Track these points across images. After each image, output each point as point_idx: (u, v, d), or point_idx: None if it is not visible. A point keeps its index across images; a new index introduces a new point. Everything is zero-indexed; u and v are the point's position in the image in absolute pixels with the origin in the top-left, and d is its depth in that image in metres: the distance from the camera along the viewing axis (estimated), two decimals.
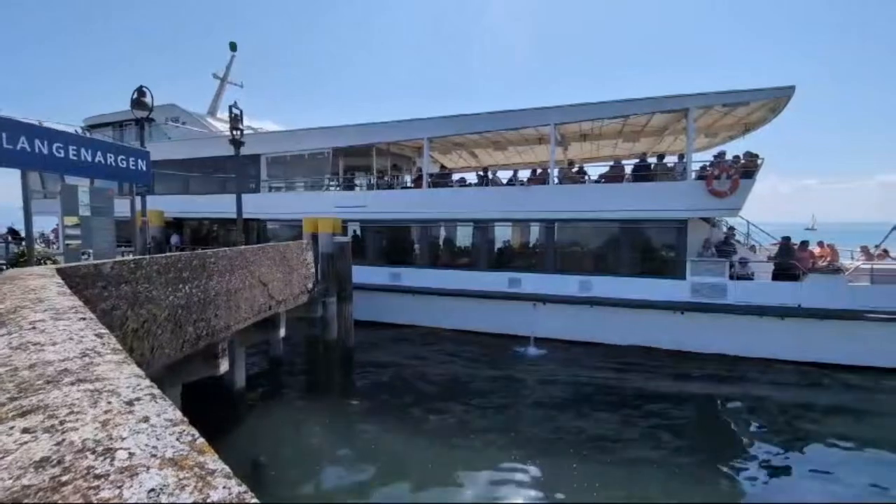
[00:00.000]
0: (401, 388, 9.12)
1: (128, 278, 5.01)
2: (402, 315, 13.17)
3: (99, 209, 6.05)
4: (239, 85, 23.00)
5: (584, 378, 9.58)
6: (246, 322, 7.40)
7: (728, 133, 13.86)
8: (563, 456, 6.40)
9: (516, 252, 13.33)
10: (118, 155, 6.36)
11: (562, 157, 15.82)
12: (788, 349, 10.18)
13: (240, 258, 7.12)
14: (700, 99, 10.77)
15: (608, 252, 11.91)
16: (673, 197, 11.03)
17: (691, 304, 10.68)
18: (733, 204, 10.54)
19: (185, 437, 0.95)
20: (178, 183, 17.44)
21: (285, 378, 10.01)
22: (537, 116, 12.24)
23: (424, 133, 13.51)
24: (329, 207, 13.77)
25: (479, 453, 6.53)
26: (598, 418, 7.71)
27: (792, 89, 10.25)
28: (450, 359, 10.83)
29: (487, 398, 8.55)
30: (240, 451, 6.68)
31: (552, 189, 12.22)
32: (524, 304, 11.98)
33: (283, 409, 8.27)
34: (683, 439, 7.03)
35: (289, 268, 9.12)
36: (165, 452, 0.88)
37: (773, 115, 11.80)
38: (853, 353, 9.76)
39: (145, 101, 8.25)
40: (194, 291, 6.09)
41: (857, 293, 9.69)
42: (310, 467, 6.32)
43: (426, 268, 13.20)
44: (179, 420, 1.04)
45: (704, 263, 10.68)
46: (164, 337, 5.63)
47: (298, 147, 15.39)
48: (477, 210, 12.81)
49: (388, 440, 7.00)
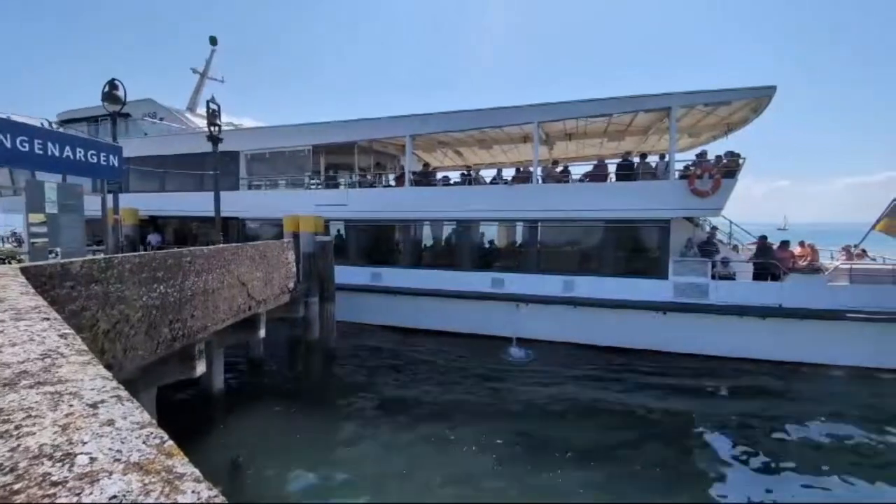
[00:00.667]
0: (381, 391, 9.00)
1: (98, 278, 4.82)
2: (384, 316, 12.99)
3: (68, 206, 5.80)
4: (219, 80, 22.45)
5: (570, 382, 9.44)
6: (224, 323, 7.23)
7: (711, 133, 13.95)
8: (546, 466, 6.26)
9: (499, 252, 13.26)
10: (88, 150, 6.11)
11: (547, 156, 15.82)
12: (769, 349, 10.25)
13: (218, 257, 6.95)
14: (682, 98, 10.78)
15: (591, 252, 11.89)
16: (656, 196, 11.03)
17: (674, 305, 10.67)
18: (715, 203, 10.58)
19: (152, 440, 0.90)
20: (155, 180, 16.92)
21: (265, 379, 9.82)
22: (520, 114, 12.17)
23: (406, 130, 13.32)
24: (309, 206, 13.50)
25: (460, 459, 6.44)
26: (584, 426, 7.57)
27: (773, 89, 10.30)
28: (432, 361, 10.68)
29: (470, 403, 8.42)
30: (217, 454, 6.52)
31: (535, 188, 12.18)
32: (507, 304, 11.91)
33: (263, 412, 8.10)
34: (669, 448, 6.95)
35: (269, 267, 8.95)
36: (130, 456, 0.83)
37: (754, 115, 11.87)
38: (833, 352, 9.87)
39: (117, 94, 7.96)
40: (170, 291, 5.91)
41: (837, 293, 9.79)
42: (289, 469, 6.20)
43: (408, 268, 13.05)
44: (147, 422, 0.99)
45: (687, 263, 10.70)
46: (138, 338, 5.44)
47: (278, 144, 15.07)
48: (459, 209, 12.69)
49: (368, 444, 6.90)
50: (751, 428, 7.57)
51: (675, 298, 10.66)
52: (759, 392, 9.08)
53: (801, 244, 12.02)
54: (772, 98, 10.63)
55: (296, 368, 10.44)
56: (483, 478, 6.06)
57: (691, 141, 14.76)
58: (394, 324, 12.90)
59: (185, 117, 19.96)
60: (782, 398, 8.87)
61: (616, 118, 12.40)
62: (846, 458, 6.68)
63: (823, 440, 7.15)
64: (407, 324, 12.84)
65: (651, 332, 10.95)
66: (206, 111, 10.52)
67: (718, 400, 8.88)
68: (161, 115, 19.25)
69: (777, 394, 9.05)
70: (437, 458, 6.50)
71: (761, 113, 11.60)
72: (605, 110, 11.61)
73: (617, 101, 11.36)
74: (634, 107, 11.30)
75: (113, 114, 8.58)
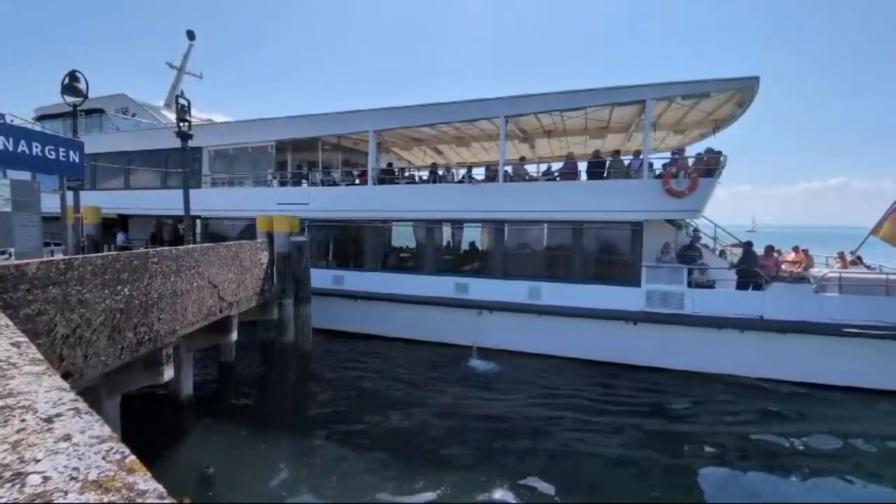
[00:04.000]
0: (349, 400, 8.71)
1: (56, 280, 4.57)
2: (347, 321, 12.37)
3: (22, 204, 5.47)
4: (198, 76, 21.92)
5: (532, 401, 8.69)
6: (193, 326, 6.99)
7: (699, 130, 13.18)
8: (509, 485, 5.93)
9: (464, 255, 12.66)
10: (46, 145, 5.78)
11: (530, 154, 15.56)
12: (750, 365, 9.40)
13: (187, 258, 6.71)
14: (657, 90, 9.90)
15: (559, 256, 11.18)
16: (627, 197, 10.25)
17: (646, 315, 9.86)
18: (692, 205, 9.75)
19: (113, 456, 0.86)
20: (120, 177, 16.23)
21: (237, 385, 9.52)
22: (486, 108, 11.45)
23: (369, 125, 12.63)
24: (271, 204, 13.02)
25: (425, 477, 6.12)
26: (549, 449, 6.96)
27: (756, 80, 9.45)
28: (392, 371, 10.09)
29: (428, 419, 7.87)
30: (186, 465, 6.27)
31: (500, 188, 11.41)
32: (470, 311, 11.17)
33: (234, 418, 7.84)
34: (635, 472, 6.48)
35: (242, 268, 8.70)
36: (88, 474, 0.79)
37: (740, 110, 11.05)
38: (820, 370, 8.98)
39: (78, 86, 7.57)
40: (135, 294, 5.67)
41: (825, 304, 8.89)
42: (261, 478, 6.04)
43: (370, 270, 12.51)
44: (108, 436, 0.94)
45: (661, 270, 9.94)
46: (100, 343, 5.19)
47: (241, 140, 14.55)
48: (423, 209, 12.02)
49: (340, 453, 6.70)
50: (714, 451, 7.01)
51: (648, 308, 9.88)
52: (727, 412, 8.24)
53: (796, 249, 11.26)
54: (756, 90, 9.75)
55: (269, 373, 10.16)
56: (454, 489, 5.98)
57: (679, 139, 14.21)
58: (357, 330, 12.24)
59: (160, 113, 19.39)
60: (748, 421, 7.90)
61: (593, 113, 11.70)
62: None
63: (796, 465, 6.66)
64: (371, 330, 12.17)
65: (622, 345, 10.16)
66: (176, 106, 10.13)
67: (684, 421, 8.06)
68: (133, 111, 18.65)
69: (743, 414, 8.12)
70: (405, 473, 6.20)
71: (747, 108, 10.83)
72: (575, 103, 10.82)
73: (587, 94, 10.54)
74: (606, 99, 10.48)
75: (74, 107, 8.17)
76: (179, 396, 7.88)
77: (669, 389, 9.18)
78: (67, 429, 0.95)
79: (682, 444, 7.26)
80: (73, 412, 1.04)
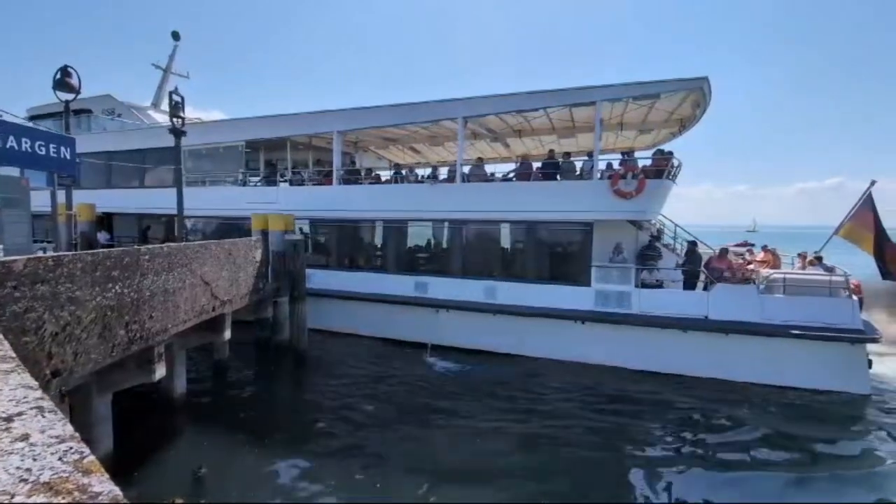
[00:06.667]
0: (346, 399, 8.73)
1: (45, 277, 4.52)
2: (320, 320, 12.21)
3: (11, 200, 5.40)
4: (185, 76, 22.04)
5: (483, 399, 8.71)
6: (186, 324, 6.94)
7: (668, 129, 13.33)
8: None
9: (425, 254, 12.72)
10: (36, 141, 5.71)
11: (508, 154, 15.67)
12: (694, 365, 9.42)
13: (179, 255, 6.66)
14: (606, 91, 10.02)
15: (515, 256, 11.39)
16: (577, 198, 10.35)
17: (594, 314, 10.00)
18: (639, 206, 9.79)
19: (70, 456, 0.82)
20: (102, 176, 16.24)
21: (231, 383, 9.47)
22: (444, 109, 11.68)
23: (334, 126, 12.88)
24: (241, 203, 13.26)
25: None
26: (498, 450, 6.88)
27: (704, 80, 9.45)
28: (356, 368, 10.19)
29: (387, 416, 7.91)
30: (178, 464, 6.23)
31: (457, 188, 11.62)
32: (428, 310, 11.37)
33: (228, 417, 7.79)
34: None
35: (236, 266, 8.66)
36: (41, 476, 0.75)
37: (699, 110, 11.10)
38: (763, 371, 9.04)
39: (71, 81, 7.49)
40: (126, 291, 5.61)
41: (768, 305, 8.98)
42: (254, 478, 6.00)
43: (336, 269, 12.66)
44: (69, 436, 0.91)
45: (610, 270, 10.07)
46: (91, 341, 5.14)
47: (213, 139, 14.69)
48: (385, 209, 12.26)
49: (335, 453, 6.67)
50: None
51: (596, 307, 10.02)
52: (666, 409, 8.22)
53: (765, 248, 11.35)
54: (707, 91, 9.78)
55: (264, 372, 10.12)
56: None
57: (652, 138, 14.33)
58: (323, 327, 12.19)
59: (147, 113, 19.57)
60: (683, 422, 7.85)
61: (556, 113, 11.81)
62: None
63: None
64: (341, 328, 12.24)
65: (572, 343, 10.27)
66: (169, 103, 10.06)
67: (622, 419, 7.97)
68: (119, 112, 18.82)
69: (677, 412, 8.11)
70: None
71: (706, 108, 10.91)
72: (530, 105, 10.96)
73: (541, 96, 10.68)
74: (559, 101, 10.59)
75: (66, 103, 8.10)
76: (172, 395, 7.82)
77: (611, 389, 9.12)
78: (27, 428, 0.92)
79: (615, 441, 7.24)
80: (35, 411, 1.00)
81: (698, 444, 7.16)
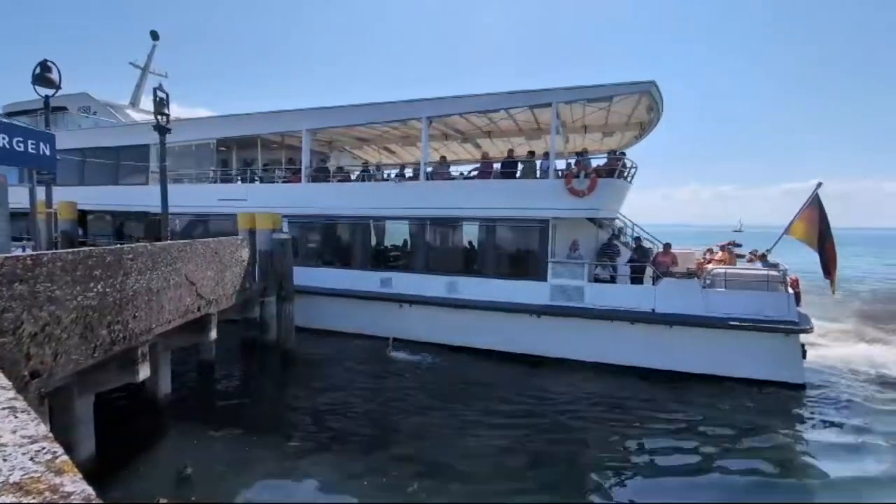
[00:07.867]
0: (333, 400, 8.73)
1: (23, 276, 4.42)
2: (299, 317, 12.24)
3: None
4: (163, 75, 21.71)
5: (447, 387, 9.11)
6: (171, 324, 6.84)
7: (632, 133, 13.75)
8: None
9: (390, 251, 13.06)
10: (13, 137, 5.57)
11: (479, 155, 15.95)
12: (642, 356, 9.78)
13: (163, 254, 6.56)
14: (562, 94, 10.38)
15: (475, 252, 11.70)
16: (534, 196, 10.74)
17: (549, 308, 10.37)
18: (591, 204, 10.18)
19: (42, 456, 0.81)
20: (74, 174, 15.97)
21: (217, 384, 9.35)
22: (409, 109, 11.95)
23: (303, 125, 13.08)
24: (212, 200, 13.45)
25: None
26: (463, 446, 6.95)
27: (651, 84, 9.80)
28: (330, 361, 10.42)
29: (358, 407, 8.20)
30: (164, 463, 6.15)
31: (421, 185, 11.96)
32: (392, 305, 11.68)
33: (213, 418, 7.71)
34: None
35: (222, 265, 8.55)
36: (11, 476, 0.74)
37: (653, 114, 11.40)
38: (705, 361, 9.40)
39: (51, 76, 7.32)
40: (108, 291, 5.51)
41: (710, 299, 9.36)
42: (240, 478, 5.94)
43: (305, 266, 12.62)
44: (42, 436, 0.90)
45: (565, 265, 10.46)
46: (72, 342, 5.04)
47: (185, 137, 14.57)
48: (353, 206, 12.46)
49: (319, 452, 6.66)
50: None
51: (551, 301, 10.38)
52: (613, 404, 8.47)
53: (723, 248, 11.57)
54: (656, 95, 10.10)
55: (250, 372, 10.01)
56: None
57: (617, 141, 14.64)
58: (301, 325, 12.13)
59: (125, 112, 19.31)
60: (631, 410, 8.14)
61: (519, 115, 12.08)
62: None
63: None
64: (312, 324, 12.25)
65: (527, 336, 10.62)
66: (154, 99, 9.89)
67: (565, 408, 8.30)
68: (95, 110, 18.51)
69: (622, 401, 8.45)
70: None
71: (659, 111, 11.27)
72: (489, 106, 11.30)
73: (501, 97, 11.04)
74: (519, 102, 10.95)
75: (46, 98, 7.91)
76: (157, 396, 7.71)
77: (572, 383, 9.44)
78: None
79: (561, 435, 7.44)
80: (7, 411, 0.99)
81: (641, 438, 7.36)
